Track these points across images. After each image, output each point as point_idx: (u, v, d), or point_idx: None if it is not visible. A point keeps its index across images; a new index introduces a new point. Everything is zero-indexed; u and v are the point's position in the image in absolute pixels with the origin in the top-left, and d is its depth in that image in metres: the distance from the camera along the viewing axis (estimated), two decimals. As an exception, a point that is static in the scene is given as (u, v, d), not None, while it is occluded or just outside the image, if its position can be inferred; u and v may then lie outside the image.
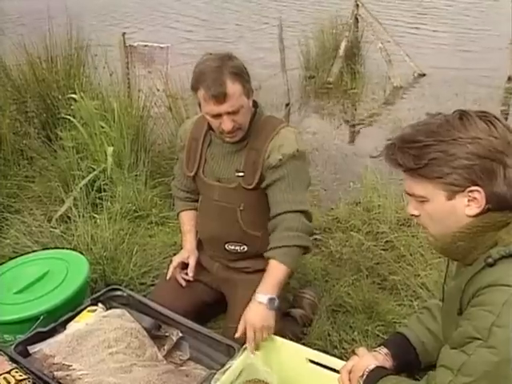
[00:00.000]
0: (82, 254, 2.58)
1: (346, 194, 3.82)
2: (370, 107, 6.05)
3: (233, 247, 2.15)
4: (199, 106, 1.96)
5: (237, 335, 1.86)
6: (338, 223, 3.35)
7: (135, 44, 4.72)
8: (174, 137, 4.00)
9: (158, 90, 4.17)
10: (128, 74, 4.60)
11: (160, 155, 3.97)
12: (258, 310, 1.86)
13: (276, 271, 1.93)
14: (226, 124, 1.92)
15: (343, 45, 6.79)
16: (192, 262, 2.23)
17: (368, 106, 6.07)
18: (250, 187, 2.03)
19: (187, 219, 2.33)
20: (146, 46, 4.69)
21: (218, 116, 1.92)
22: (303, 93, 6.61)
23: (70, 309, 2.13)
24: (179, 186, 2.36)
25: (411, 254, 2.85)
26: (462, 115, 1.29)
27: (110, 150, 3.58)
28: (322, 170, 4.39)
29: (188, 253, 2.26)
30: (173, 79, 4.26)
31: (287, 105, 6.02)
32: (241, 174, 2.04)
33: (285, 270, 1.93)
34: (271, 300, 1.87)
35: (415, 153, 1.30)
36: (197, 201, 2.30)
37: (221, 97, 1.86)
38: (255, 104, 2.08)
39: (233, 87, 1.87)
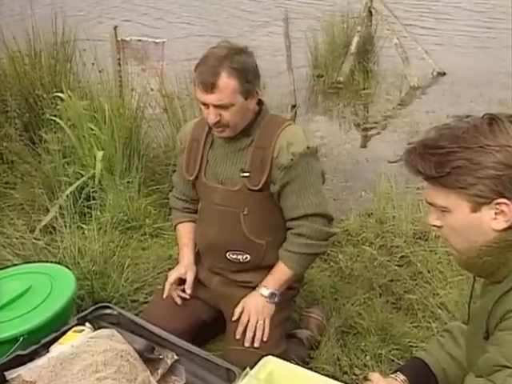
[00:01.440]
0: (68, 268, 2.58)
1: (357, 204, 3.82)
2: (384, 109, 6.06)
3: (234, 256, 2.16)
4: None
5: (234, 318, 2.10)
6: (348, 236, 3.35)
7: (128, 38, 4.73)
8: (170, 140, 4.01)
9: (153, 90, 4.19)
10: (120, 71, 4.60)
11: (155, 160, 3.98)
12: (258, 299, 2.10)
13: (280, 273, 2.11)
14: (210, 116, 1.99)
15: (355, 40, 6.79)
16: (190, 278, 2.24)
17: (382, 108, 6.08)
18: (256, 188, 2.05)
19: (185, 232, 2.33)
20: (139, 40, 4.70)
21: (206, 105, 1.98)
22: (311, 93, 6.63)
23: (53, 329, 2.12)
24: (178, 195, 2.37)
25: (429, 271, 2.85)
26: (492, 120, 1.29)
27: (99, 154, 3.59)
28: (330, 177, 4.39)
29: (185, 268, 2.26)
30: (169, 77, 4.27)
31: (293, 106, 6.03)
32: (246, 173, 2.06)
33: (289, 273, 2.10)
34: (272, 294, 2.10)
35: (437, 160, 1.29)
36: (196, 212, 2.31)
37: (208, 86, 1.92)
38: (260, 102, 2.11)
39: (226, 81, 1.92)
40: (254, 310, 2.10)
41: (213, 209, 2.16)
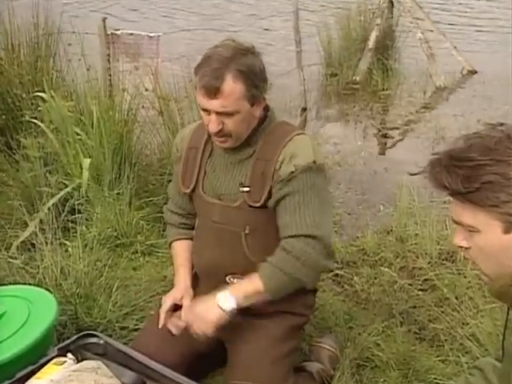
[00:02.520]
0: (48, 290, 2.57)
1: (374, 219, 3.82)
2: (406, 112, 6.06)
3: (235, 280, 2.15)
4: None
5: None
6: (364, 256, 3.34)
7: (118, 32, 4.75)
8: (166, 146, 4.02)
9: (147, 90, 4.20)
10: (109, 68, 4.62)
11: (148, 169, 3.99)
12: (209, 301, 2.04)
13: (248, 281, 2.04)
14: (212, 124, 1.98)
15: (374, 35, 6.80)
16: (186, 304, 2.23)
17: (403, 111, 6.08)
18: (257, 205, 2.04)
19: (181, 250, 2.33)
20: (131, 34, 4.72)
21: (207, 112, 1.98)
22: (323, 94, 6.64)
23: (30, 361, 2.10)
24: (173, 208, 2.37)
25: (457, 297, 2.84)
26: None
27: (86, 162, 3.59)
28: (345, 189, 4.39)
29: (181, 292, 2.25)
30: (165, 76, 4.29)
31: (303, 109, 6.04)
32: (246, 188, 2.05)
33: (257, 285, 2.01)
34: (227, 302, 2.02)
35: (465, 173, 1.29)
36: (193, 228, 2.30)
37: (211, 90, 1.91)
38: (266, 107, 2.11)
39: (231, 86, 1.91)
40: (197, 310, 2.07)
41: (211, 227, 2.15)
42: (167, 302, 2.24)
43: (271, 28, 8.85)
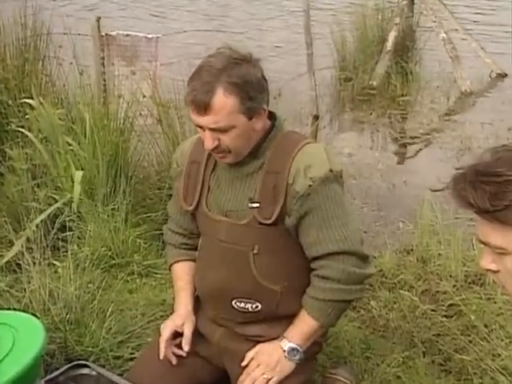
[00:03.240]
0: (35, 316, 2.55)
1: (393, 237, 3.81)
2: (428, 120, 6.06)
3: (242, 305, 2.15)
4: None
5: (243, 363, 2.12)
6: (382, 278, 3.34)
7: (114, 33, 4.78)
8: (165, 158, 4.03)
9: (144, 96, 4.21)
10: (104, 72, 4.64)
11: (146, 182, 4.00)
12: (275, 350, 2.10)
13: (304, 324, 2.10)
14: (207, 141, 1.99)
15: (392, 35, 6.82)
16: (188, 332, 2.22)
17: (425, 119, 6.09)
18: (268, 222, 2.04)
19: (182, 273, 2.33)
20: (127, 35, 4.75)
21: (201, 127, 2.00)
22: (336, 101, 6.65)
23: (16, 394, 2.10)
24: (174, 228, 2.37)
25: (486, 325, 2.82)
26: None
27: (78, 174, 3.60)
28: (360, 204, 4.38)
29: (182, 319, 2.24)
30: (164, 81, 4.32)
31: (315, 117, 6.05)
32: (255, 204, 2.05)
33: (315, 325, 2.09)
34: (293, 350, 2.10)
35: (493, 190, 1.29)
36: (196, 249, 2.31)
37: (201, 106, 1.92)
38: (272, 116, 2.12)
39: (222, 100, 1.91)
40: (266, 361, 2.10)
41: (216, 246, 2.15)
42: (167, 329, 2.23)
43: (279, 28, 8.87)
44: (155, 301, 3.15)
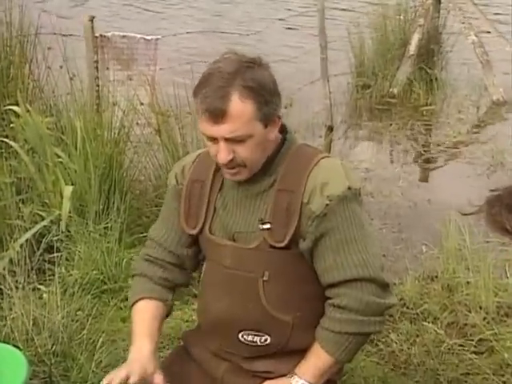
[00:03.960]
0: (17, 347, 2.52)
1: (415, 262, 3.80)
2: (455, 132, 6.05)
3: (250, 338, 2.13)
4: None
5: None
6: (403, 308, 3.32)
7: (109, 34, 4.80)
8: (164, 171, 4.02)
9: (142, 104, 4.23)
10: (98, 77, 4.66)
11: (142, 199, 4.01)
12: None
13: (317, 359, 2.07)
14: (221, 154, 1.96)
15: (415, 38, 6.82)
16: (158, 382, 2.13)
17: (452, 131, 6.07)
18: (281, 245, 2.03)
19: (147, 312, 2.17)
20: (124, 36, 4.77)
21: (213, 139, 1.97)
22: (353, 110, 6.66)
23: None
24: (157, 254, 2.27)
25: (522, 364, 2.81)
26: None
27: (67, 189, 3.60)
28: (379, 225, 4.37)
29: (138, 365, 2.06)
30: (163, 87, 4.31)
31: (329, 128, 6.05)
32: (266, 225, 2.04)
33: (329, 360, 2.06)
34: None
35: (534, 215, 1.28)
36: (173, 290, 2.24)
37: (217, 114, 1.90)
38: (283, 129, 2.11)
39: (239, 106, 1.90)
40: None
41: (221, 273, 2.13)
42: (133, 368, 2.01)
43: (291, 30, 8.91)
44: (151, 330, 3.14)
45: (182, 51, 6.96)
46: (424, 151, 5.75)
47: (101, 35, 4.74)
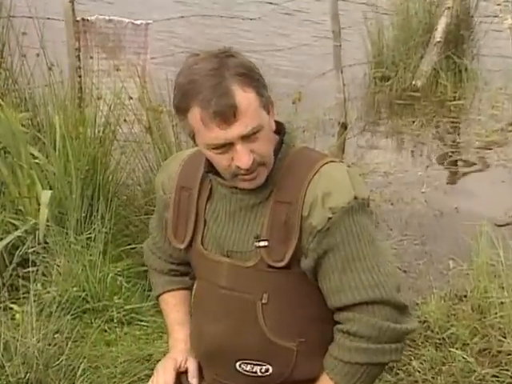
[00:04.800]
0: (-16, 376, 2.58)
1: (441, 279, 3.81)
2: (488, 131, 6.07)
3: (249, 368, 2.12)
4: (193, 138, 1.99)
5: None
6: (427, 331, 3.33)
7: (92, 17, 4.80)
8: (155, 175, 4.00)
9: (131, 98, 4.24)
10: (80, 67, 4.66)
11: (130, 205, 4.02)
12: None
13: None
14: (242, 157, 1.93)
15: (443, 23, 6.84)
16: (193, 366, 2.23)
17: (483, 129, 6.10)
18: (281, 265, 2.02)
19: (176, 302, 2.32)
20: (110, 21, 4.77)
21: (226, 147, 1.94)
22: (370, 105, 6.69)
23: None
24: (159, 253, 2.36)
25: None
26: None
27: (45, 195, 3.61)
28: (399, 236, 4.39)
29: (184, 355, 2.25)
30: (155, 79, 4.34)
31: (343, 126, 6.06)
32: (263, 243, 2.03)
33: None
34: None
35: None
36: (188, 274, 2.30)
37: (229, 112, 1.88)
38: (280, 128, 2.11)
39: (245, 96, 1.89)
40: None
41: (215, 295, 2.12)
42: (169, 371, 2.21)
43: (300, 14, 8.92)
44: (139, 355, 3.15)
45: (176, 38, 6.97)
46: (451, 152, 5.78)
47: (83, 19, 4.73)
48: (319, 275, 2.05)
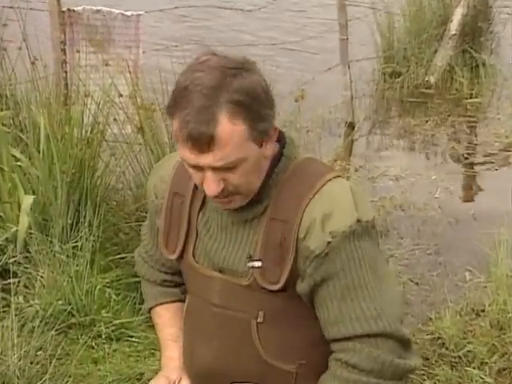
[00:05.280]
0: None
1: (456, 292, 3.82)
2: (508, 131, 6.07)
3: (244, 392, 2.14)
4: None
5: None
6: (442, 349, 3.33)
7: (79, 8, 4.80)
8: (147, 178, 4.02)
9: (121, 95, 4.24)
10: (65, 62, 4.67)
11: (119, 212, 4.02)
12: None
13: None
14: (210, 186, 1.92)
15: (459, 14, 6.84)
16: None
17: (502, 130, 6.11)
18: (275, 287, 2.02)
19: (170, 316, 2.32)
20: (98, 11, 4.77)
21: (198, 168, 1.94)
22: (379, 103, 6.70)
23: None
24: (152, 262, 2.36)
25: None
26: None
27: (27, 200, 3.61)
28: (411, 246, 4.39)
29: (175, 372, 2.25)
30: (148, 75, 4.34)
31: (350, 126, 6.07)
32: (256, 263, 2.02)
33: None
34: None
35: None
36: (182, 285, 2.30)
37: (202, 142, 1.86)
38: (281, 138, 2.09)
39: (229, 129, 1.86)
40: None
41: (207, 313, 2.12)
42: None
43: (305, 5, 8.93)
44: (129, 374, 3.16)
45: (169, 30, 6.97)
46: (468, 154, 5.79)
47: (69, 9, 4.75)
48: (316, 302, 2.02)
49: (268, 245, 2.01)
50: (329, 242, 1.94)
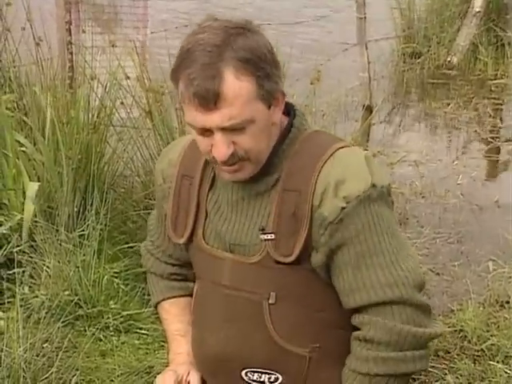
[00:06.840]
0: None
1: (479, 283, 3.81)
2: (533, 114, 6.07)
3: (256, 377, 2.12)
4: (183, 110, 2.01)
5: None
6: (464, 342, 3.34)
7: (85, -13, 4.84)
8: (155, 163, 4.04)
9: (128, 78, 4.23)
10: (71, 43, 4.68)
11: (128, 199, 4.04)
12: None
13: None
14: (219, 149, 1.92)
15: (482, -8, 6.84)
16: (195, 380, 2.24)
17: (529, 112, 6.10)
18: (289, 260, 2.02)
19: (178, 312, 2.33)
20: (105, -8, 4.80)
21: (205, 132, 1.96)
22: (398, 85, 6.67)
23: None
24: (159, 255, 2.37)
25: None
26: None
27: (33, 187, 3.64)
28: (431, 234, 4.39)
29: (183, 367, 2.26)
30: (156, 57, 4.34)
31: (368, 109, 6.06)
32: (269, 235, 2.04)
33: None
34: None
35: None
36: (190, 279, 2.32)
37: (209, 99, 1.87)
38: (289, 109, 2.10)
39: (236, 85, 1.88)
40: None
41: (218, 295, 2.13)
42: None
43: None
44: (138, 368, 3.17)
45: (178, 10, 6.97)
46: (492, 138, 5.78)
47: (75, -12, 4.77)
48: (332, 272, 2.03)
49: (281, 216, 2.02)
50: (343, 208, 1.94)
